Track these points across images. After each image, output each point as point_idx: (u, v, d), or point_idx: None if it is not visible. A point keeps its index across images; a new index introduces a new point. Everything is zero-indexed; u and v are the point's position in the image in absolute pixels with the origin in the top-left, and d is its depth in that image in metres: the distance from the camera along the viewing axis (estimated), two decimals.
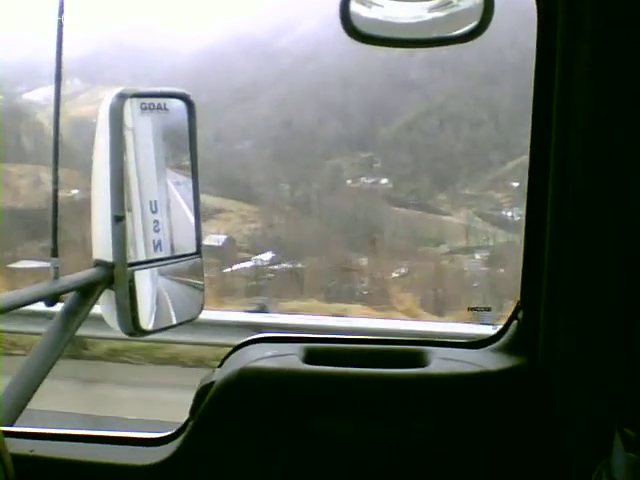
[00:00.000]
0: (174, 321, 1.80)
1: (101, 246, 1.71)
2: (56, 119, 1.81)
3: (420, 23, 1.48)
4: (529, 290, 1.42)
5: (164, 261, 1.78)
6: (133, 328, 1.70)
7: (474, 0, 1.42)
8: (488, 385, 1.41)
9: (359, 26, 1.39)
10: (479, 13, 1.38)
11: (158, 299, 1.77)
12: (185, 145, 1.95)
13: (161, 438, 1.43)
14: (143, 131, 1.81)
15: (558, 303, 1.37)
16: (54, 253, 1.65)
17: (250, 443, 1.39)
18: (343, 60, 8.83)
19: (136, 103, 1.80)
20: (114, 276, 1.68)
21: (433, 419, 1.41)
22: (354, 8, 1.39)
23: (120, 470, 1.40)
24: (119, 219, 1.69)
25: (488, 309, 6.05)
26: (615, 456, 1.16)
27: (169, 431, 1.42)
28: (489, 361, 1.44)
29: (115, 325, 1.70)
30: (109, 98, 1.78)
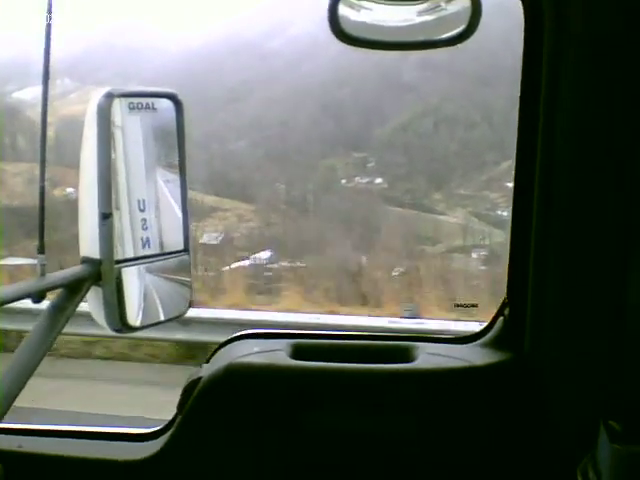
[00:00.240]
0: (162, 317, 1.80)
1: (88, 243, 1.71)
2: (44, 118, 1.82)
3: (409, 26, 1.49)
4: (515, 287, 1.44)
5: (151, 258, 1.78)
6: (121, 324, 1.70)
7: (462, 4, 1.43)
8: (475, 380, 1.42)
9: (347, 29, 1.40)
10: (467, 17, 1.39)
11: (146, 296, 1.77)
12: (174, 144, 1.95)
13: (149, 433, 1.44)
14: (131, 130, 1.82)
15: (544, 299, 1.39)
16: (41, 250, 1.66)
17: (237, 438, 1.39)
18: (337, 61, 8.84)
19: (124, 102, 1.81)
20: (101, 273, 1.68)
21: (421, 413, 1.42)
22: (342, 11, 1.40)
23: (108, 465, 1.41)
24: (106, 216, 1.70)
25: (475, 305, 6.06)
26: (600, 448, 1.17)
27: (157, 427, 1.43)
28: (476, 356, 1.46)
29: (102, 322, 1.70)
30: (97, 97, 1.78)
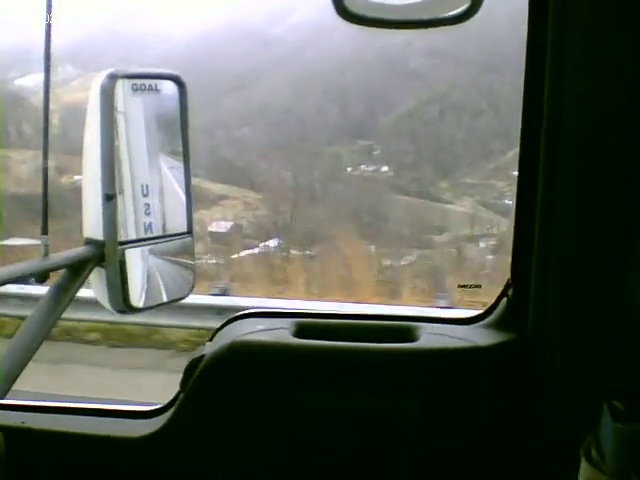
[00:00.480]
0: (165, 299, 1.82)
1: (92, 225, 1.72)
2: (46, 105, 1.82)
3: (412, 4, 1.48)
4: (519, 268, 1.45)
5: (155, 240, 1.79)
6: (124, 306, 1.72)
7: None
8: (478, 360, 1.43)
9: (350, 7, 1.40)
10: None
11: (149, 277, 1.78)
12: (177, 128, 1.95)
13: (151, 411, 1.45)
14: (135, 113, 1.82)
15: (547, 281, 1.39)
16: (44, 231, 1.67)
17: (240, 415, 1.40)
18: (341, 48, 8.81)
19: (127, 84, 1.81)
20: (105, 254, 1.70)
21: (422, 393, 1.43)
22: None
23: (110, 442, 1.42)
24: (110, 197, 1.71)
25: (478, 286, 6.07)
26: (603, 428, 1.17)
27: (160, 404, 1.44)
28: (479, 336, 1.46)
29: (106, 303, 1.72)
30: (100, 79, 1.79)
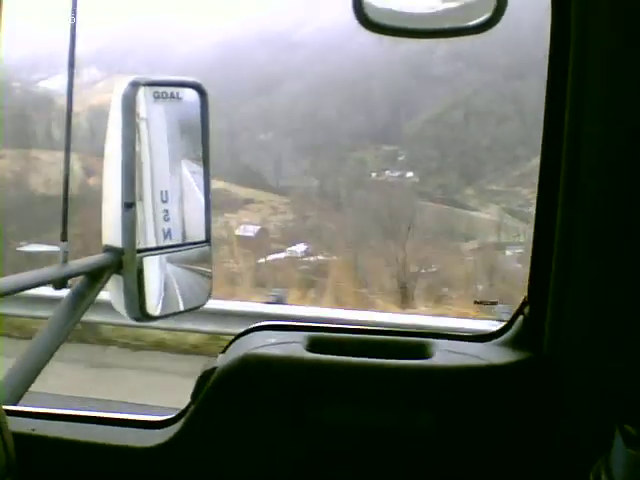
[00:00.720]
0: (181, 307, 1.82)
1: (111, 232, 1.73)
2: (69, 108, 1.84)
3: (434, 14, 1.48)
4: (536, 285, 1.42)
5: (173, 248, 1.80)
6: (140, 314, 1.72)
7: None
8: (492, 378, 1.40)
9: (372, 16, 1.39)
10: (493, 4, 1.38)
11: (166, 286, 1.79)
12: (198, 135, 1.96)
13: (162, 421, 1.44)
14: (156, 120, 1.83)
15: (565, 300, 1.36)
16: (63, 237, 1.68)
17: (250, 428, 1.39)
18: (364, 53, 8.79)
19: (149, 92, 1.82)
20: (123, 262, 1.70)
21: (436, 411, 1.41)
22: None
23: (120, 451, 1.42)
24: (129, 206, 1.71)
25: (494, 303, 6.01)
26: (615, 452, 1.15)
27: (170, 415, 1.44)
28: (494, 355, 1.43)
29: (122, 310, 1.72)
30: (122, 86, 1.80)
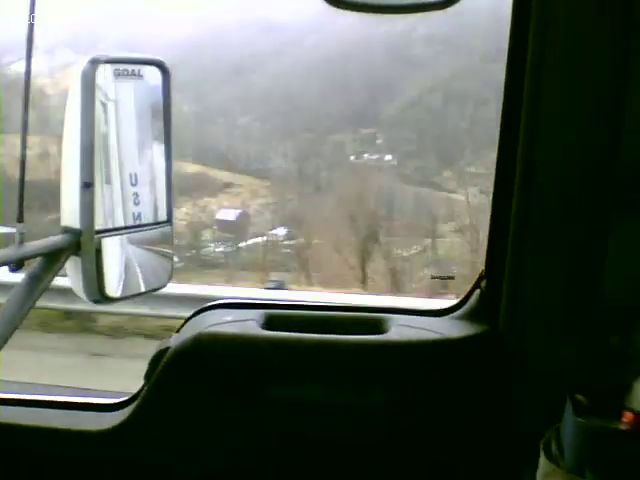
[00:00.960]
0: (142, 289, 1.80)
1: (69, 213, 1.70)
2: (26, 91, 1.81)
3: None
4: (493, 260, 1.44)
5: (133, 229, 1.77)
6: (99, 295, 1.70)
7: None
8: (447, 352, 1.42)
9: None
10: None
11: (127, 267, 1.77)
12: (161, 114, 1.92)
13: (116, 404, 1.44)
14: (121, 100, 1.80)
15: (520, 274, 1.39)
16: (19, 219, 1.66)
17: (205, 408, 1.39)
18: (342, 35, 8.77)
19: (109, 69, 1.78)
20: (81, 243, 1.68)
21: (392, 386, 1.42)
22: None
23: (73, 435, 1.41)
24: (87, 186, 1.69)
25: (451, 278, 6.06)
26: (565, 422, 1.16)
27: (124, 397, 1.43)
28: (450, 328, 1.45)
29: (81, 293, 1.70)
30: (81, 64, 1.76)
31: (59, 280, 1.69)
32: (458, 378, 1.40)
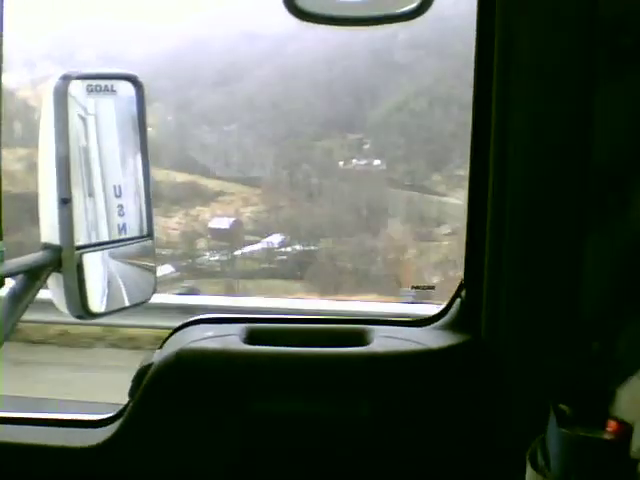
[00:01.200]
0: (127, 303, 1.80)
1: (49, 229, 1.70)
2: None
3: (364, 2, 1.47)
4: (472, 269, 1.44)
5: (114, 244, 1.77)
6: (82, 311, 1.70)
7: None
8: (430, 363, 1.42)
9: (301, 5, 1.39)
10: None
11: (109, 282, 1.76)
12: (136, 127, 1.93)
13: (101, 420, 1.43)
14: (100, 115, 1.80)
15: (499, 282, 1.39)
16: None
17: (189, 424, 1.39)
18: (324, 41, 8.79)
19: (81, 85, 1.78)
20: (62, 259, 1.67)
21: (375, 397, 1.42)
22: None
23: (59, 452, 1.40)
24: (65, 201, 1.68)
25: (432, 287, 6.07)
26: (549, 432, 1.16)
27: (109, 413, 1.42)
28: (431, 339, 1.45)
29: (64, 308, 1.70)
30: (54, 80, 1.76)
31: None
32: (442, 389, 1.40)
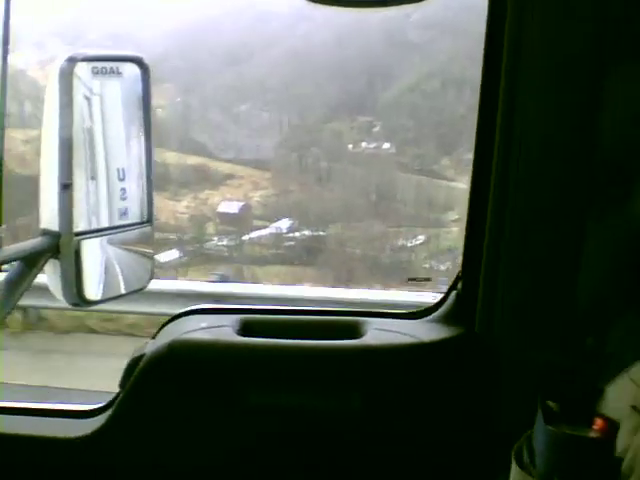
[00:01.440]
0: (123, 290, 1.79)
1: (48, 215, 1.69)
2: (3, 85, 1.79)
3: None
4: (469, 261, 1.42)
5: (113, 230, 1.76)
6: (78, 298, 1.69)
7: None
8: (423, 355, 1.42)
9: None
10: None
11: (107, 269, 1.75)
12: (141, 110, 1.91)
13: (91, 410, 1.43)
14: (105, 97, 1.78)
15: (497, 276, 1.37)
16: None
17: (180, 416, 1.39)
18: (335, 20, 8.70)
19: (87, 67, 1.76)
20: (60, 245, 1.67)
21: (368, 390, 1.41)
22: None
23: (49, 443, 1.40)
24: (66, 187, 1.67)
25: (428, 279, 6.05)
26: (536, 429, 1.15)
27: (100, 403, 1.43)
28: (426, 331, 1.44)
29: (60, 295, 1.69)
30: (59, 62, 1.75)
31: None
32: (435, 381, 1.40)
